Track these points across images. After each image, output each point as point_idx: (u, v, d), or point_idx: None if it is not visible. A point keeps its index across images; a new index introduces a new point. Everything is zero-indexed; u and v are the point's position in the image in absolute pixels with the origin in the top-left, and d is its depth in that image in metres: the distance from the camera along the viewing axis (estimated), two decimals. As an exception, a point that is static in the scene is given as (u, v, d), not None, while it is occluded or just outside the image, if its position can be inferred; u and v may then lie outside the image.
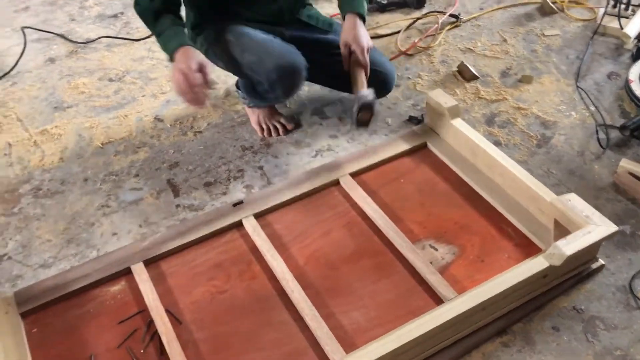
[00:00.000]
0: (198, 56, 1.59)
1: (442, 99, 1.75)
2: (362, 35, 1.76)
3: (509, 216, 1.57)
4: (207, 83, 1.59)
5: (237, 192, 1.81)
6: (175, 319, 1.42)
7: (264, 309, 1.44)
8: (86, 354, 1.37)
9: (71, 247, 1.68)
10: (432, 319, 1.27)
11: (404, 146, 1.80)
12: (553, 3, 2.53)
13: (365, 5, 1.81)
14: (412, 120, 2.02)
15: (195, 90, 1.55)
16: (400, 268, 1.49)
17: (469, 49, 2.36)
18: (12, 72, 2.37)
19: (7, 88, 2.30)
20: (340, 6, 1.85)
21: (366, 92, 1.72)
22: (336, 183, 1.72)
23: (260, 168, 1.89)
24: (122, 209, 1.78)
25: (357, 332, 1.36)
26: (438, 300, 1.40)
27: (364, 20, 1.80)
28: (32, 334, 1.42)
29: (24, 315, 1.45)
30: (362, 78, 1.77)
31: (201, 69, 1.57)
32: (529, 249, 1.49)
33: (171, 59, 1.61)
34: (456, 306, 1.31)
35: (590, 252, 1.42)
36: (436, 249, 1.53)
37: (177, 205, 1.78)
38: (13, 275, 1.61)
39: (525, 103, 2.08)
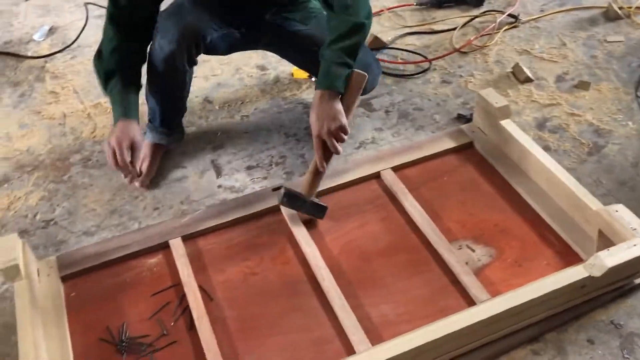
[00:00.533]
0: (133, 134, 1.54)
1: (493, 98, 1.71)
2: (323, 115, 1.49)
3: (551, 223, 1.53)
4: (134, 164, 1.56)
5: (278, 177, 1.82)
6: (207, 296, 1.44)
7: (294, 294, 1.44)
8: (119, 321, 1.41)
9: (114, 217, 1.73)
10: (462, 319, 1.25)
11: (450, 144, 1.77)
12: (619, 8, 2.43)
13: (341, 74, 1.49)
14: (461, 118, 1.98)
15: (124, 169, 1.54)
16: (434, 266, 1.47)
17: (526, 50, 2.30)
18: (73, 46, 2.45)
19: (67, 61, 2.38)
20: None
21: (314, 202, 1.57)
22: (377, 176, 1.71)
23: (302, 156, 1.89)
24: (165, 185, 1.82)
25: (385, 325, 1.36)
26: (470, 302, 1.37)
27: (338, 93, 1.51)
28: (70, 297, 1.47)
29: (64, 279, 1.50)
30: (309, 178, 1.56)
31: (133, 150, 1.54)
32: (569, 258, 1.45)
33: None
34: (488, 308, 1.28)
35: (634, 266, 1.37)
36: (473, 250, 1.50)
37: (219, 186, 1.80)
38: (57, 240, 1.67)
39: (579, 109, 2.02)
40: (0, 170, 1.91)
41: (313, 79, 2.06)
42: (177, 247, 1.54)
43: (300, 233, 1.55)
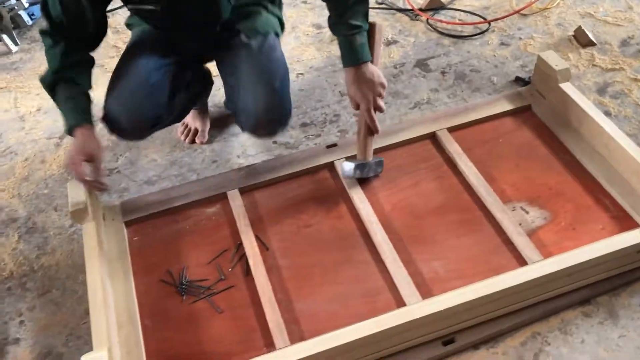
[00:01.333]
0: (89, 144, 1.43)
1: (554, 60, 1.68)
2: (364, 87, 1.49)
3: (608, 187, 1.51)
4: (98, 175, 1.46)
5: (331, 135, 1.85)
6: (263, 245, 1.50)
7: (346, 247, 1.48)
8: (178, 265, 1.48)
9: (174, 168, 1.80)
10: (514, 276, 1.27)
11: (506, 106, 1.75)
12: (692, -29, 2.32)
13: (363, 43, 1.47)
14: (519, 81, 1.96)
15: (86, 181, 1.44)
16: (487, 226, 1.48)
17: (589, 13, 2.24)
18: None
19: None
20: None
21: (371, 161, 1.58)
22: (432, 136, 1.71)
23: (356, 115, 1.91)
24: (222, 140, 1.87)
25: (435, 281, 1.38)
26: (522, 262, 1.38)
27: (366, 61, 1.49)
28: (133, 241, 1.54)
29: (127, 224, 1.57)
30: (365, 144, 1.57)
31: (92, 160, 1.44)
32: (625, 223, 1.43)
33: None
34: (541, 268, 1.29)
35: (693, 234, 1.35)
36: (527, 212, 1.50)
37: (274, 142, 1.84)
38: (121, 188, 1.75)
39: (644, 75, 1.97)
40: (66, 121, 2.00)
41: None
42: (234, 198, 1.59)
43: (353, 189, 1.57)
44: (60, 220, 1.70)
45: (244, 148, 1.84)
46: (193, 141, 1.87)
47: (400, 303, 1.34)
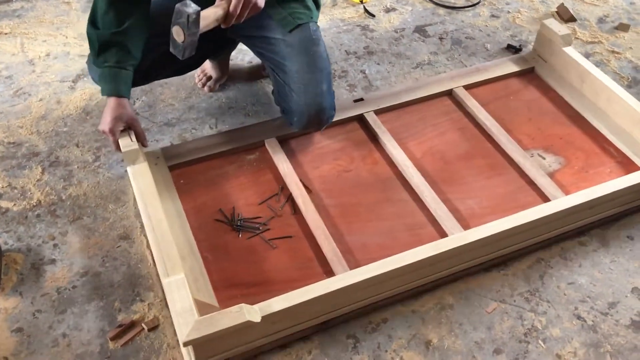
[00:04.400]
0: (125, 114, 1.48)
1: (556, 27, 1.86)
2: None
3: (611, 137, 1.70)
4: (142, 140, 1.54)
5: (341, 89, 1.97)
6: (306, 188, 1.59)
7: (386, 188, 1.60)
8: (229, 205, 1.54)
9: (192, 112, 1.86)
10: (554, 205, 1.44)
11: (513, 68, 1.92)
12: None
13: None
14: (510, 48, 2.14)
15: (120, 150, 1.49)
16: (511, 170, 1.64)
17: (570, -8, 2.46)
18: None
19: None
20: None
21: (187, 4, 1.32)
22: (449, 93, 1.86)
23: (363, 72, 2.03)
24: (236, 89, 1.95)
25: (472, 216, 1.52)
26: (545, 199, 1.55)
27: None
28: (179, 184, 1.59)
29: (171, 169, 1.62)
30: (215, 16, 1.37)
31: (131, 127, 1.51)
32: (629, 167, 1.63)
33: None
34: (566, 201, 1.46)
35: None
36: (544, 158, 1.67)
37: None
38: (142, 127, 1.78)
39: (619, 48, 2.19)
40: (77, 66, 2.02)
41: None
42: (273, 145, 1.67)
43: (386, 137, 1.69)
44: (83, 155, 1.73)
45: (257, 96, 1.92)
46: (204, 86, 1.93)
47: (443, 235, 1.47)
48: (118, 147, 1.51)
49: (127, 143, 1.50)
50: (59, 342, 1.32)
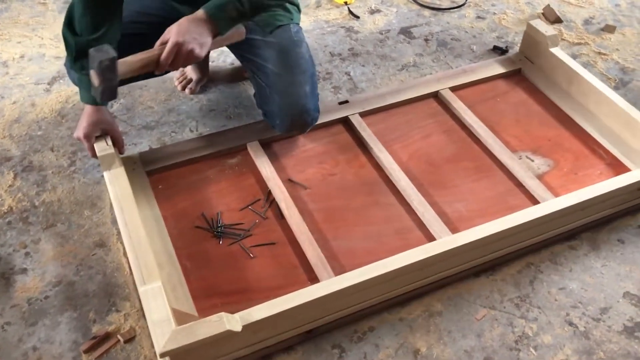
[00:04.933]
0: (104, 121, 1.44)
1: (543, 27, 1.83)
2: (188, 31, 1.32)
3: (600, 139, 1.67)
4: (119, 146, 1.49)
5: (326, 90, 1.92)
6: (301, 186, 1.55)
7: (372, 192, 1.55)
8: (210, 210, 1.49)
9: (172, 115, 1.81)
10: (541, 209, 1.40)
11: (499, 69, 1.89)
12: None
13: (233, 18, 1.38)
14: (497, 50, 2.11)
15: (96, 157, 1.45)
16: (499, 172, 1.60)
17: (555, -5, 2.45)
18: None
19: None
20: None
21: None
22: (435, 95, 1.82)
23: (347, 74, 2.00)
24: (218, 91, 1.90)
25: (460, 219, 1.48)
26: (535, 202, 1.51)
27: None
28: (158, 189, 1.54)
29: (149, 174, 1.56)
30: (138, 65, 1.33)
31: (108, 133, 1.46)
32: (619, 169, 1.60)
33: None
34: (556, 203, 1.42)
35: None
36: (532, 160, 1.64)
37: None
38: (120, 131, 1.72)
39: (606, 49, 2.17)
40: (53, 68, 1.96)
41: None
42: (256, 149, 1.62)
43: (371, 140, 1.65)
44: (58, 160, 1.67)
45: (239, 99, 1.87)
46: (184, 89, 1.88)
47: (431, 239, 1.42)
48: (94, 154, 1.46)
49: (103, 147, 1.44)
50: (29, 356, 1.26)
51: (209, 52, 1.85)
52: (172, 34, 1.32)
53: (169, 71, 1.39)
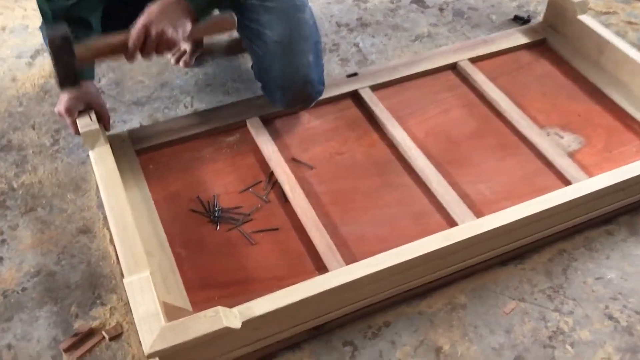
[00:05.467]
0: (84, 94, 1.29)
1: (570, -6, 1.68)
2: (163, 14, 1.18)
3: (635, 114, 1.52)
4: (105, 121, 1.34)
5: (333, 63, 1.77)
6: (306, 165, 1.40)
7: (385, 172, 1.40)
8: (206, 193, 1.34)
9: (165, 90, 1.67)
10: (577, 189, 1.25)
11: (522, 39, 1.74)
12: None
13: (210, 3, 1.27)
14: (518, 20, 1.96)
15: (78, 133, 1.30)
16: (526, 150, 1.45)
17: (578, -38, 2.28)
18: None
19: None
20: None
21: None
22: (453, 67, 1.67)
23: (356, 45, 1.84)
24: (215, 64, 1.74)
25: (484, 202, 1.33)
26: (567, 182, 1.36)
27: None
28: (148, 169, 1.39)
29: (138, 153, 1.42)
30: (103, 49, 1.19)
31: (92, 108, 1.31)
32: (658, 145, 1.45)
33: None
34: (591, 183, 1.27)
35: None
36: (561, 137, 1.48)
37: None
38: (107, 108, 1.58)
39: (637, 18, 2.01)
40: (36, 41, 1.82)
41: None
42: (256, 126, 1.47)
43: (384, 116, 1.50)
44: (40, 138, 1.53)
45: (238, 72, 1.72)
46: (178, 62, 1.73)
47: (452, 224, 1.28)
48: (76, 130, 1.31)
49: (86, 123, 1.29)
50: (2, 355, 1.12)
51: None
52: (141, 15, 1.18)
53: (149, 57, 1.23)
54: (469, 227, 1.18)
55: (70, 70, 1.17)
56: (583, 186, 1.27)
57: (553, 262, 1.29)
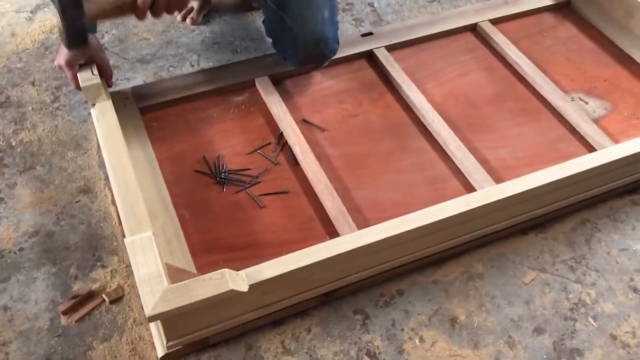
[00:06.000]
0: (86, 50, 1.21)
1: (599, -48, 1.59)
2: None
3: (665, 79, 1.45)
4: (104, 76, 1.26)
5: (346, 23, 1.71)
6: (318, 128, 1.34)
7: (401, 135, 1.34)
8: (213, 154, 1.28)
9: (170, 48, 1.60)
10: (587, 161, 1.18)
11: (546, 1, 1.65)
12: None
13: None
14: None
15: (79, 88, 1.23)
16: (549, 115, 1.38)
17: None
18: None
19: None
20: None
21: None
22: (473, 28, 1.59)
23: (371, 5, 1.77)
24: (223, 22, 1.67)
25: (505, 168, 1.26)
26: (591, 149, 1.29)
27: None
28: (152, 127, 1.33)
29: (142, 111, 1.35)
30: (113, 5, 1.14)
31: (94, 61, 1.24)
32: (689, 113, 1.38)
33: None
34: (617, 150, 1.20)
35: None
36: (586, 102, 1.41)
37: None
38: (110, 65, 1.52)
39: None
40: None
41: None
42: (266, 85, 1.40)
43: (400, 77, 1.43)
44: (40, 95, 1.47)
45: (247, 31, 1.64)
46: (184, 19, 1.66)
47: (470, 189, 1.21)
48: (77, 84, 1.25)
49: (87, 77, 1.23)
50: (-2, 317, 1.07)
51: None
52: None
53: (159, 17, 1.17)
54: (488, 192, 1.12)
55: (80, 30, 1.12)
56: (608, 153, 1.20)
57: (576, 232, 1.23)
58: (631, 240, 1.22)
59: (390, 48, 1.51)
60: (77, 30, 1.12)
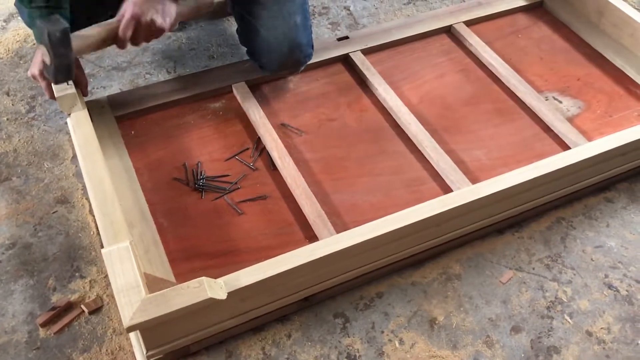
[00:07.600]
0: None
1: (570, -47, 1.61)
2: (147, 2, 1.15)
3: (637, 77, 1.47)
4: (79, 87, 1.25)
5: (322, 27, 1.71)
6: (296, 130, 1.34)
7: (378, 138, 1.35)
8: (191, 161, 1.28)
9: (146, 55, 1.59)
10: (578, 152, 1.20)
11: (519, 2, 1.67)
12: None
13: None
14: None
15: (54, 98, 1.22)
16: (523, 114, 1.40)
17: None
18: None
19: None
20: None
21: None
22: (448, 30, 1.60)
23: (347, 8, 1.77)
24: (199, 27, 1.67)
25: (480, 169, 1.28)
26: (565, 148, 1.31)
27: None
28: (129, 135, 1.32)
29: (118, 119, 1.35)
30: (96, 42, 1.17)
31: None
32: (660, 110, 1.40)
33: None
34: (591, 148, 1.22)
35: None
36: (560, 102, 1.43)
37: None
38: (86, 74, 1.51)
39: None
40: (10, 4, 1.73)
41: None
42: (243, 91, 1.41)
43: (376, 80, 1.44)
44: (15, 105, 1.46)
45: (224, 36, 1.65)
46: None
47: (447, 191, 1.23)
48: (51, 94, 1.24)
49: (62, 87, 1.22)
50: (-25, 331, 1.06)
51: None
52: (128, 5, 1.15)
53: (139, 46, 1.22)
54: (464, 193, 1.13)
55: (68, 67, 1.14)
56: (582, 151, 1.22)
57: (551, 231, 1.25)
58: (605, 237, 1.24)
59: (367, 51, 1.52)
60: (65, 67, 1.14)
